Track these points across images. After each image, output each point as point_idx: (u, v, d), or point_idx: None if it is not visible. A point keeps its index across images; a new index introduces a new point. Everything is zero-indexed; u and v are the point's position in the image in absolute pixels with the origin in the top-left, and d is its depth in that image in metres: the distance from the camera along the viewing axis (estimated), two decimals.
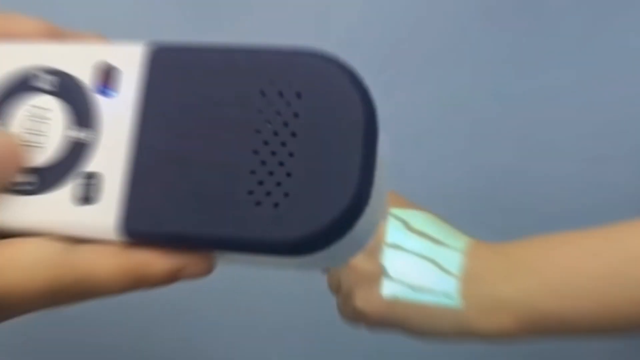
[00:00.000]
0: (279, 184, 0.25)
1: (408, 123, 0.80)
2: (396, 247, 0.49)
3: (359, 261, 0.49)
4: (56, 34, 0.30)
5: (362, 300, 0.49)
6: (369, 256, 0.49)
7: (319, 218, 0.25)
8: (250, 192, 0.25)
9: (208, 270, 0.27)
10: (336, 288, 0.52)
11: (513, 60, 0.80)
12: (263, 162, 0.26)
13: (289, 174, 0.25)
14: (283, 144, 0.26)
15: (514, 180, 0.84)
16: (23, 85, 0.28)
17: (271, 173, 0.25)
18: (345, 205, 0.25)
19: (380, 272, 0.49)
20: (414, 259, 0.48)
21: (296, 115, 0.26)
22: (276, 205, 0.25)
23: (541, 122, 0.83)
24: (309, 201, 0.25)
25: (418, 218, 0.51)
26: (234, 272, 0.84)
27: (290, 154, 0.26)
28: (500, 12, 0.77)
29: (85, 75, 0.28)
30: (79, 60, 0.28)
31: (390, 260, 0.49)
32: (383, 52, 0.78)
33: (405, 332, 0.49)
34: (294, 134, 0.26)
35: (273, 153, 0.26)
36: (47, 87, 0.28)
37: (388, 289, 0.49)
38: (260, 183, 0.25)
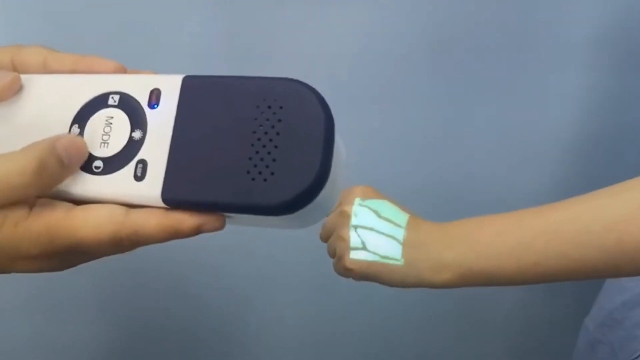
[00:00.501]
0: (267, 166, 0.29)
1: (382, 142, 0.86)
2: (371, 228, 0.51)
3: (347, 235, 0.51)
4: (123, 70, 0.33)
5: (349, 262, 0.51)
6: (354, 232, 0.51)
7: (294, 189, 0.29)
8: (248, 172, 0.29)
9: (221, 227, 0.31)
10: (332, 253, 0.55)
11: (453, 97, 0.86)
12: (257, 152, 0.29)
13: (274, 160, 0.29)
14: (270, 140, 0.29)
15: (456, 179, 0.91)
16: (100, 102, 0.32)
17: (262, 159, 0.29)
18: (311, 181, 0.28)
19: (362, 244, 0.51)
20: (383, 236, 0.50)
21: (279, 120, 0.29)
22: (265, 180, 0.29)
23: (476, 139, 0.89)
24: (287, 178, 0.29)
25: (386, 208, 0.52)
26: (262, 240, 0.85)
27: (275, 147, 0.29)
28: (442, 66, 0.84)
29: (140, 95, 0.30)
30: (136, 86, 0.31)
31: (367, 237, 0.51)
32: (368, 95, 0.83)
33: (380, 283, 0.51)
34: (278, 133, 0.29)
35: (264, 146, 0.29)
36: (115, 103, 0.30)
37: (366, 256, 0.50)
38: (255, 166, 0.29)
